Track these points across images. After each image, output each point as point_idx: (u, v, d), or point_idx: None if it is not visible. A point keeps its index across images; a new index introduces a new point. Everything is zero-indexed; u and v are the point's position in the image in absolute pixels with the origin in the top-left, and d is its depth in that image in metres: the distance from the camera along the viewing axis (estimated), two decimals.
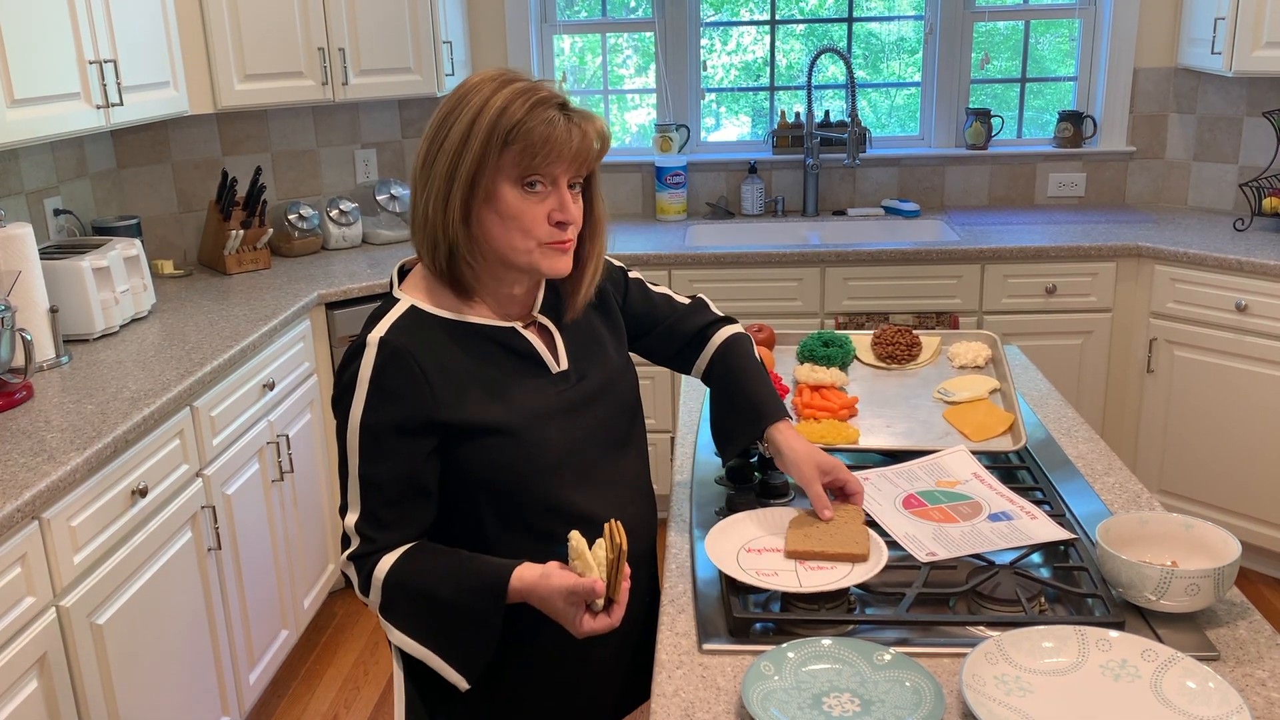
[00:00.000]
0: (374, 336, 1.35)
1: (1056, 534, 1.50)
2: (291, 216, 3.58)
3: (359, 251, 3.68)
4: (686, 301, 1.69)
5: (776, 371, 2.05)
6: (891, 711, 1.14)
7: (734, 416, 1.60)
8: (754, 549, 1.46)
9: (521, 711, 1.49)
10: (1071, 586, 1.39)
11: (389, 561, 1.33)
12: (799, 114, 4.09)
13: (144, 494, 2.12)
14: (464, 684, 1.34)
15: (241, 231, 3.33)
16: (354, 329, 3.13)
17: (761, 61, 4.17)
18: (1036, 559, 1.49)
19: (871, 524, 1.52)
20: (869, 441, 1.83)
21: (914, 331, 2.19)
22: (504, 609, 1.30)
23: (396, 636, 1.36)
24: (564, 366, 1.45)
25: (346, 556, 1.37)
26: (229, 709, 2.50)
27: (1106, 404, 3.57)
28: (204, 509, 2.37)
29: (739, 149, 4.18)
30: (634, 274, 1.66)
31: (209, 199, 3.54)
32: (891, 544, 1.48)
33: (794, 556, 1.43)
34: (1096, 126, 3.99)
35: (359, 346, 1.35)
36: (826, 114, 4.07)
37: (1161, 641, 1.27)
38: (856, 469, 1.69)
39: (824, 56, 4.02)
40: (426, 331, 1.37)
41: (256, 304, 2.95)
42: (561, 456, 1.40)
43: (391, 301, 1.40)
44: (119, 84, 2.65)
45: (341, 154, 3.85)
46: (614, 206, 4.12)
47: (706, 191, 4.10)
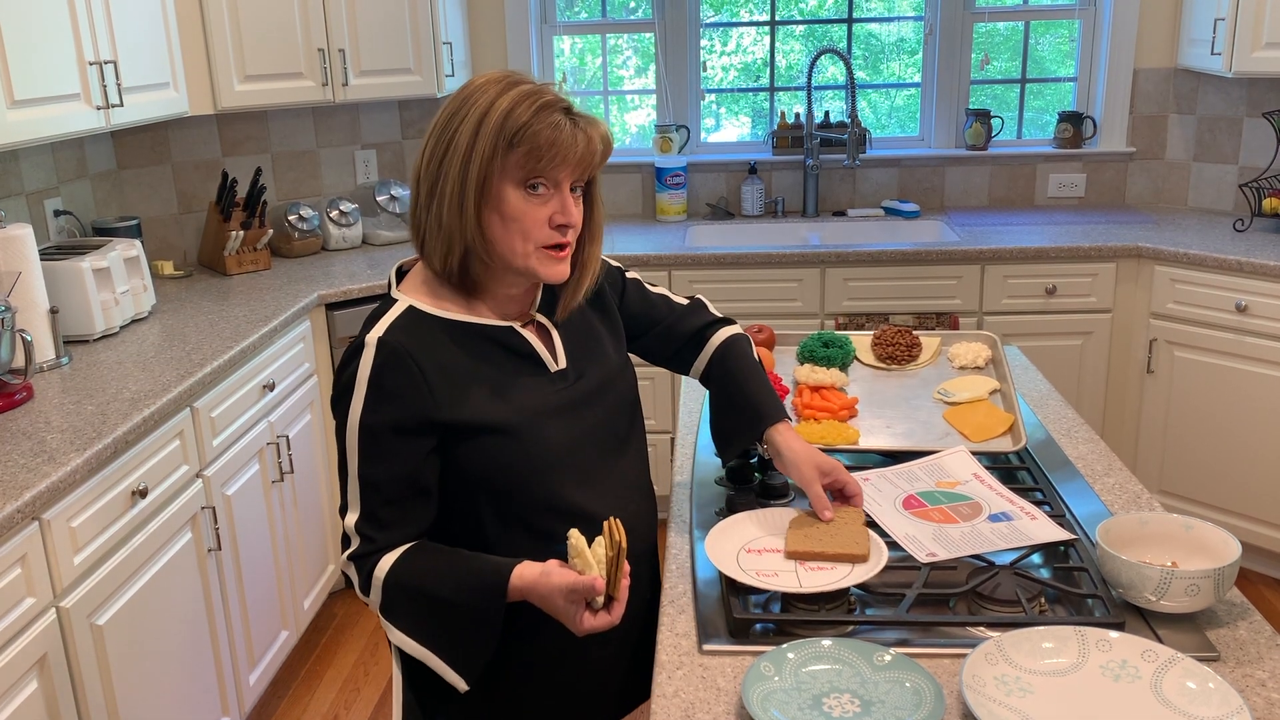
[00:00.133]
0: (372, 337, 1.35)
1: (1056, 534, 1.50)
2: (291, 217, 3.58)
3: (359, 252, 3.68)
4: (685, 302, 1.69)
5: (776, 372, 2.05)
6: (892, 712, 1.14)
7: (733, 418, 1.60)
8: (754, 550, 1.46)
9: (521, 711, 1.49)
10: (1071, 587, 1.39)
11: (389, 561, 1.34)
12: (799, 115, 4.09)
13: (144, 495, 2.12)
14: (463, 685, 1.34)
15: (241, 232, 3.33)
16: (354, 330, 3.13)
17: (761, 62, 4.17)
18: (1036, 559, 1.49)
19: (871, 524, 1.52)
20: (869, 442, 1.83)
21: (914, 332, 2.19)
22: (504, 607, 1.30)
23: (397, 636, 1.36)
24: (562, 365, 1.45)
25: (347, 556, 1.37)
26: (229, 709, 2.50)
27: (1106, 405, 3.57)
28: (204, 510, 2.37)
29: (739, 150, 4.19)
30: (632, 274, 1.66)
31: (209, 200, 3.55)
32: (891, 544, 1.48)
33: (794, 557, 1.42)
34: (1096, 127, 3.99)
35: (357, 347, 1.35)
36: (826, 115, 4.07)
37: (1162, 642, 1.27)
38: (856, 469, 1.70)
39: (824, 57, 4.02)
40: (425, 331, 1.37)
41: (256, 305, 2.95)
42: (560, 455, 1.40)
43: (390, 302, 1.41)
44: (119, 85, 2.65)
45: (341, 155, 3.85)
46: (614, 207, 4.12)
47: (706, 192, 4.10)
